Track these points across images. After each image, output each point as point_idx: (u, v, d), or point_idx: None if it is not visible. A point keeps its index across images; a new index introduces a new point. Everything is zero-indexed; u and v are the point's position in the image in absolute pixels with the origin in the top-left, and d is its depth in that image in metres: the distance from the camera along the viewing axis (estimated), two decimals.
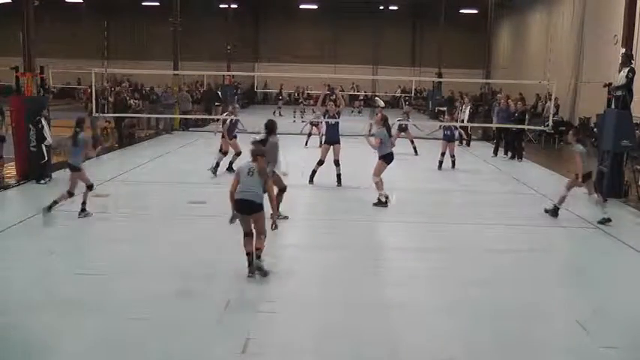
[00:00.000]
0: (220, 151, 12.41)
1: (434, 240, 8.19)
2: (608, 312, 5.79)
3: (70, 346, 4.82)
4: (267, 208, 6.41)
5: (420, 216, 9.35)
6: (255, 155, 6.46)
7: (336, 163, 11.28)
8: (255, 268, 6.27)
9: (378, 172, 9.76)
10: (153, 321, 5.27)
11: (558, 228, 8.98)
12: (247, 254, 6.34)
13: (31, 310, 5.41)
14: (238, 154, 12.05)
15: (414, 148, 15.93)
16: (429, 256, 7.39)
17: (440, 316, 5.58)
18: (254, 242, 6.32)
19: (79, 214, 8.54)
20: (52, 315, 5.33)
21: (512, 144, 16.20)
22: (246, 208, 6.27)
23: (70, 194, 8.56)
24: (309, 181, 11.33)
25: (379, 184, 9.71)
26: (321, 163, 11.40)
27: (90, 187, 8.70)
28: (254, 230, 6.34)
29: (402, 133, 16.02)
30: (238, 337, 4.95)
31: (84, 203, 8.62)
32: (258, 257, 6.33)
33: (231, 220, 6.44)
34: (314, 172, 11.38)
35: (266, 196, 6.44)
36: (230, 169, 11.84)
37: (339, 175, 11.29)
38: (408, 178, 12.59)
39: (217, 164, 12.18)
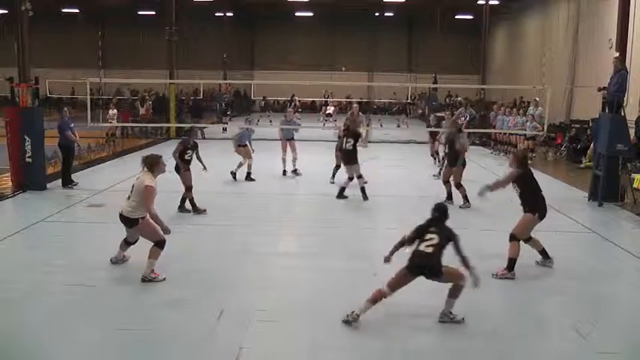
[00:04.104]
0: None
1: None
2: (605, 317, 5.77)
3: (63, 358, 4.79)
4: None
5: (416, 222, 9.30)
6: None
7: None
8: None
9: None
10: (145, 331, 5.24)
11: (555, 233, 8.93)
12: None
13: (25, 321, 5.38)
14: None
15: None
16: None
17: (436, 323, 5.55)
18: None
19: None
20: (46, 327, 5.29)
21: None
22: None
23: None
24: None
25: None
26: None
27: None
28: None
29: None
30: (231, 347, 4.92)
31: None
32: None
33: None
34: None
35: None
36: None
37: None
38: (404, 184, 12.58)
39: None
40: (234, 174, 12.56)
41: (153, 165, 6.50)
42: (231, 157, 13.53)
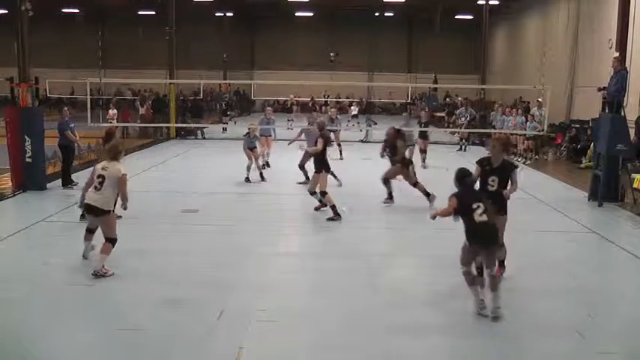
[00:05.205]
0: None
1: (429, 247, 8.14)
2: (604, 317, 5.76)
3: (63, 358, 4.79)
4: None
5: (414, 223, 9.31)
6: None
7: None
8: None
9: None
10: (144, 331, 5.23)
11: (554, 232, 8.96)
12: None
13: (25, 321, 5.38)
14: None
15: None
16: (424, 264, 7.35)
17: (435, 324, 5.55)
18: None
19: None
20: (46, 327, 5.29)
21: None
22: None
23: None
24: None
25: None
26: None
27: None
28: None
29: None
30: (231, 346, 4.92)
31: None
32: None
33: None
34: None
35: None
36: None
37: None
38: (402, 184, 12.55)
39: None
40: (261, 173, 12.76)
41: (117, 154, 6.76)
42: (230, 157, 13.56)
